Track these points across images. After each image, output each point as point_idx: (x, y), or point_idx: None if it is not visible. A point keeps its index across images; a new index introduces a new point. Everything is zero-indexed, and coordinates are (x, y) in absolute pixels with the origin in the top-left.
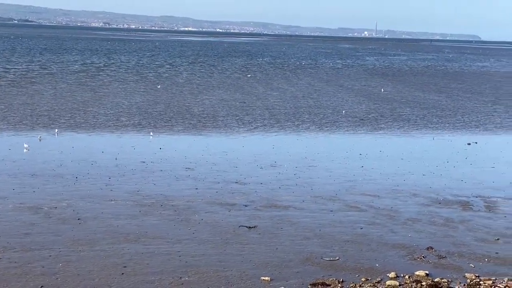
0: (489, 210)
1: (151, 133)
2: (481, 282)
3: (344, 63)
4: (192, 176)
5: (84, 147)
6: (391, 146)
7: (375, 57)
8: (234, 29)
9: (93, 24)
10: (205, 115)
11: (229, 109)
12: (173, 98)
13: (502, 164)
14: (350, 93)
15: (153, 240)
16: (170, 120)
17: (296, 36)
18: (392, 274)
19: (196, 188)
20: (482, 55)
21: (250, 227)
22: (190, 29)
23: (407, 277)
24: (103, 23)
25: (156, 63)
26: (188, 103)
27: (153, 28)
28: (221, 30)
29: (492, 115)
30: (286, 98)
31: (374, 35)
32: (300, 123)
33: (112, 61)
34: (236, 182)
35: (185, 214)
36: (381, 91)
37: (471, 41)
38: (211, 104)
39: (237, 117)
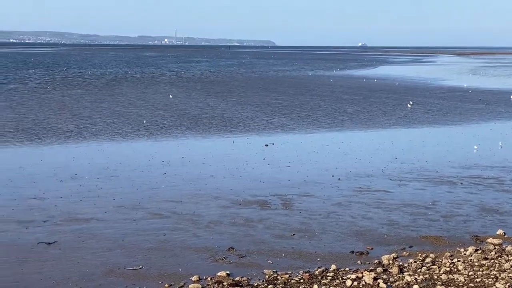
0: (286, 208)
1: None
2: (278, 277)
3: (157, 71)
4: None
5: None
6: (193, 151)
7: (177, 65)
8: (29, 40)
9: None
10: None
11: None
12: None
13: (297, 163)
14: (157, 103)
15: None
16: None
17: (96, 45)
18: (195, 277)
19: None
20: (279, 60)
21: (49, 243)
22: None
23: (209, 278)
24: None
25: None
26: None
27: None
28: (15, 41)
29: (289, 118)
30: (101, 110)
31: (174, 42)
32: (105, 133)
33: None
34: (34, 198)
35: None
36: (170, 98)
37: (266, 47)
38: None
39: (32, 131)
